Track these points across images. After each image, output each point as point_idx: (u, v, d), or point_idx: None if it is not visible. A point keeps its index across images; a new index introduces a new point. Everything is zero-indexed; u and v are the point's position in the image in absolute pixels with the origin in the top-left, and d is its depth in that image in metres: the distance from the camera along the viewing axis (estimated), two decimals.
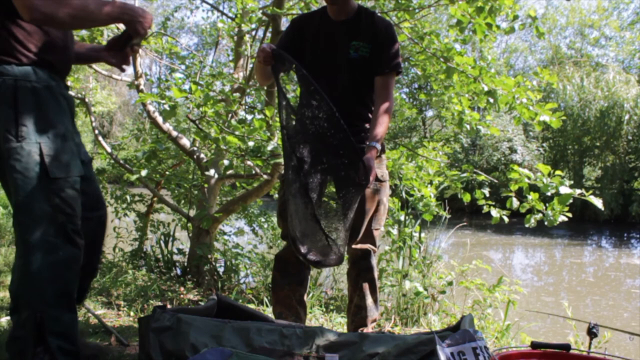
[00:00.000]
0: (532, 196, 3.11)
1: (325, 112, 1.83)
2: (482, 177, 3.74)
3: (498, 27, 3.20)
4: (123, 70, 1.96)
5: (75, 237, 1.64)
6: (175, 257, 4.50)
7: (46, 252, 1.58)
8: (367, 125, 2.16)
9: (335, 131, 1.84)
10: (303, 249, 1.88)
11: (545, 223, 3.03)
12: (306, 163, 1.90)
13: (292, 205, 1.90)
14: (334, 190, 2.02)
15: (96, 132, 4.67)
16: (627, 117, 15.67)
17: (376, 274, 2.32)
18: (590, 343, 1.88)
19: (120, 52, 1.84)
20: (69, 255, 1.62)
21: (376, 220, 2.23)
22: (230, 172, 3.70)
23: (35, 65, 1.63)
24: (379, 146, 2.00)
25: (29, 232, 1.58)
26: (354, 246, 2.21)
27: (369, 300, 2.27)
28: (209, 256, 4.00)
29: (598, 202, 2.87)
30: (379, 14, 2.22)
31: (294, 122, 1.96)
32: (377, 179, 2.14)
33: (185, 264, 4.26)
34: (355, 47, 2.11)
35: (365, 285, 2.26)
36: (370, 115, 2.16)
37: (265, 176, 3.61)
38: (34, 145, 1.57)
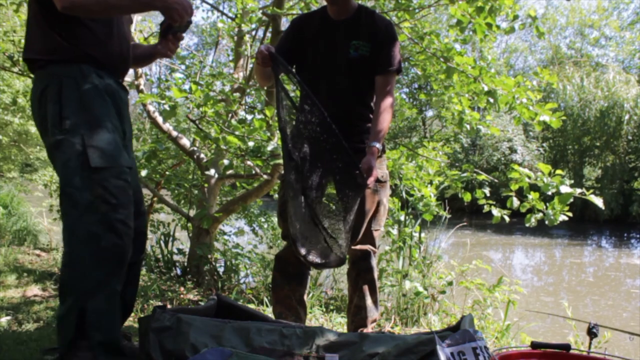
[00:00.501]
0: (533, 195, 3.11)
1: (317, 117, 1.83)
2: (483, 176, 3.74)
3: (498, 27, 3.20)
4: (169, 57, 1.98)
5: (119, 226, 1.63)
6: (175, 257, 4.50)
7: (87, 242, 1.59)
8: (368, 125, 2.15)
9: (327, 136, 1.83)
10: (304, 251, 1.88)
11: (546, 222, 3.03)
12: (304, 166, 1.90)
13: (292, 207, 1.89)
14: (333, 192, 2.02)
15: None
16: (627, 117, 15.68)
17: (376, 274, 2.31)
18: (590, 343, 1.88)
19: (164, 40, 1.87)
20: (111, 245, 1.61)
21: (376, 220, 2.22)
22: (230, 172, 3.70)
23: (80, 62, 1.67)
24: (379, 146, 1.98)
25: (71, 221, 1.61)
26: (353, 247, 2.20)
27: (369, 301, 2.26)
28: (209, 256, 4.00)
29: (599, 201, 2.86)
30: (379, 13, 2.21)
31: (293, 123, 1.95)
32: (377, 180, 2.13)
33: (185, 264, 4.26)
34: (355, 47, 2.10)
35: (365, 286, 2.25)
36: (371, 115, 2.16)
37: (265, 176, 3.61)
38: (76, 137, 1.61)
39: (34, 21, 1.70)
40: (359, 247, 2.21)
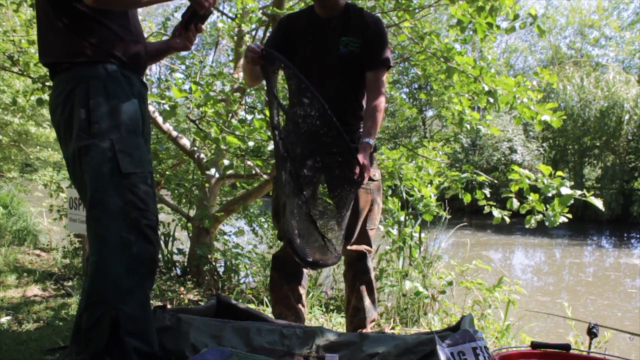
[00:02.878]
0: (533, 197, 3.11)
1: (317, 110, 1.81)
2: (483, 177, 3.74)
3: (498, 27, 3.19)
4: (188, 49, 1.92)
5: (149, 232, 1.62)
6: (175, 257, 4.50)
7: (120, 248, 1.56)
8: (361, 123, 2.14)
9: (328, 129, 1.82)
10: (300, 250, 1.87)
11: (546, 224, 3.03)
12: (299, 163, 1.89)
13: (288, 206, 1.89)
14: (328, 188, 2.01)
15: None
16: (627, 117, 15.69)
17: (373, 274, 2.29)
18: (590, 343, 1.88)
19: (185, 31, 1.83)
20: (142, 251, 1.60)
21: (370, 219, 2.21)
22: (230, 172, 3.70)
23: (105, 63, 1.64)
24: (372, 142, 1.98)
25: (102, 228, 1.57)
26: (349, 247, 2.19)
27: (367, 301, 2.25)
28: (209, 256, 4.00)
29: (599, 203, 2.86)
30: (367, 11, 2.22)
31: (284, 123, 1.95)
32: (370, 179, 2.13)
33: (185, 264, 4.26)
34: (345, 43, 2.10)
35: (363, 288, 2.24)
36: (363, 113, 2.15)
37: (265, 176, 3.61)
38: (106, 142, 1.58)
39: (47, 24, 1.66)
40: (354, 247, 2.20)
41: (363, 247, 2.22)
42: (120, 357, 1.54)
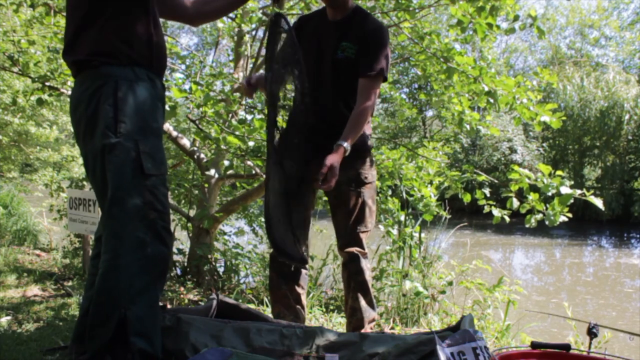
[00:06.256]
0: (533, 196, 3.11)
1: (300, 84, 1.87)
2: (483, 177, 3.74)
3: (498, 27, 3.19)
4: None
5: (164, 234, 1.64)
6: (175, 257, 4.50)
7: (135, 248, 1.57)
8: None
9: (302, 104, 1.88)
10: (279, 241, 1.88)
11: (547, 223, 3.03)
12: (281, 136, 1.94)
13: (272, 184, 1.90)
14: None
15: None
16: (627, 117, 15.70)
17: (367, 275, 2.28)
18: (590, 343, 1.88)
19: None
20: (156, 252, 1.61)
21: (362, 222, 2.21)
22: (230, 172, 3.70)
23: (135, 65, 1.66)
24: (346, 145, 1.96)
25: (120, 226, 1.58)
26: (345, 249, 2.21)
27: (363, 302, 2.25)
28: (209, 256, 4.00)
29: (599, 202, 2.86)
30: (373, 16, 2.21)
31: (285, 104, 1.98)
32: (361, 181, 2.14)
33: (185, 264, 4.26)
34: (343, 48, 2.10)
35: (357, 288, 2.25)
36: None
37: (265, 176, 3.61)
38: (131, 142, 1.59)
39: (82, 22, 1.66)
40: (346, 249, 2.22)
41: (354, 249, 2.22)
42: (122, 357, 1.53)
